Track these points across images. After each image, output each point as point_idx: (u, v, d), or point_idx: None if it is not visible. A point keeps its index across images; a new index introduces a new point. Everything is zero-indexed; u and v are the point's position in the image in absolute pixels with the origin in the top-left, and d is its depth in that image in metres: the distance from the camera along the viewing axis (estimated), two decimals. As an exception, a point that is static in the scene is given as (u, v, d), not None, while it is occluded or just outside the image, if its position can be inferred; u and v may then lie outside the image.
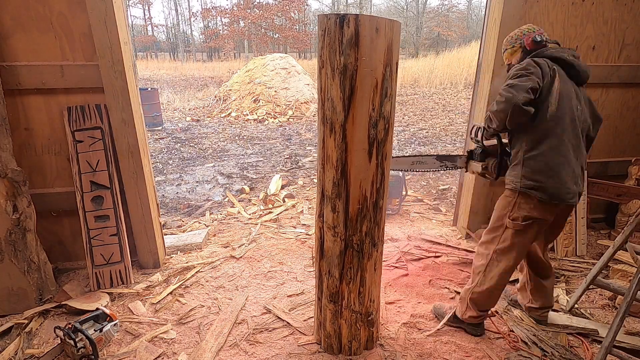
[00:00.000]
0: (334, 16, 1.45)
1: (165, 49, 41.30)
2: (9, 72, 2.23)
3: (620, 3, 2.78)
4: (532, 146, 1.73)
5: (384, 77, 1.53)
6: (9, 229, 2.18)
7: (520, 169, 1.76)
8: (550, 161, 1.70)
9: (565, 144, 1.71)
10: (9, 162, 2.21)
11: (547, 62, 1.73)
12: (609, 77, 2.92)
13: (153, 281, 2.53)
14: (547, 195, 1.71)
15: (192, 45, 40.23)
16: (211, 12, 35.41)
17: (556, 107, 1.69)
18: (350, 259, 1.73)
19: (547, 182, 1.70)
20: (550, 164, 1.71)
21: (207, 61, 31.19)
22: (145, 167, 2.53)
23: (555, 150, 1.70)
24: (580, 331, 2.06)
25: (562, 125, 1.70)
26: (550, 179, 1.70)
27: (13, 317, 2.20)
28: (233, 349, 1.97)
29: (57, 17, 2.20)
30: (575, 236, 2.88)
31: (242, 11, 31.74)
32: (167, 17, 50.62)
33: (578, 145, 1.76)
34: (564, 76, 1.75)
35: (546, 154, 1.71)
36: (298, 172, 5.25)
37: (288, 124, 8.85)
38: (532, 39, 1.85)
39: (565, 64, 1.77)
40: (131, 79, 2.38)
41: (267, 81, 10.31)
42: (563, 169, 1.71)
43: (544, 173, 1.71)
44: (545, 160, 1.71)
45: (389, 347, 1.97)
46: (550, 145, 1.70)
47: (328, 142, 1.61)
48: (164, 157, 6.13)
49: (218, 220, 3.60)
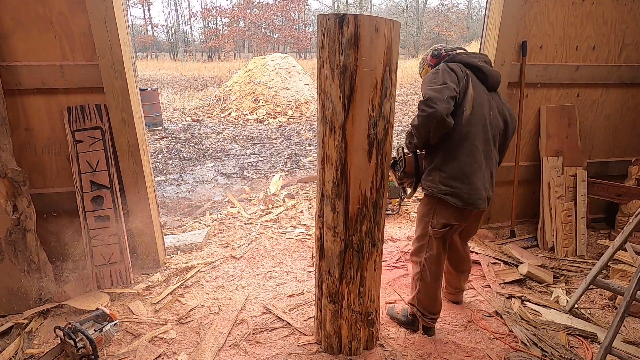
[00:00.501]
0: (334, 16, 1.45)
1: (165, 49, 41.30)
2: (9, 72, 2.23)
3: (620, 3, 2.78)
4: (448, 152, 1.72)
5: (383, 77, 1.53)
6: (9, 229, 2.18)
7: (437, 174, 1.76)
8: (465, 167, 1.71)
9: (478, 149, 1.72)
10: (9, 162, 2.21)
11: (460, 66, 1.74)
12: (609, 77, 2.92)
13: (153, 281, 2.53)
14: (462, 201, 1.72)
15: (192, 45, 40.23)
16: (211, 12, 35.44)
17: (470, 112, 1.69)
18: (350, 259, 1.73)
19: (462, 188, 1.71)
20: (464, 170, 1.71)
21: (207, 61, 31.19)
22: (145, 167, 2.53)
23: (470, 156, 1.71)
24: (580, 333, 2.06)
25: (475, 130, 1.70)
26: (465, 185, 1.71)
27: (13, 317, 2.20)
28: (233, 349, 1.97)
29: (57, 17, 2.20)
30: (575, 236, 2.88)
31: (242, 11, 31.76)
32: (167, 17, 50.63)
33: (488, 152, 1.77)
34: (476, 81, 1.76)
35: (461, 160, 1.71)
36: (298, 172, 5.25)
37: (288, 124, 8.85)
38: (431, 55, 1.95)
39: (476, 69, 1.77)
40: (131, 79, 2.38)
41: (267, 81, 10.31)
42: (475, 175, 1.72)
43: (459, 179, 1.72)
44: (460, 166, 1.71)
45: (389, 347, 1.97)
46: (465, 151, 1.71)
47: (328, 142, 1.61)
48: (164, 157, 6.13)
49: (218, 220, 3.60)
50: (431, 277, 1.93)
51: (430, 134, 1.64)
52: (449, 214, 1.79)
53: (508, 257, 2.78)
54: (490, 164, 1.79)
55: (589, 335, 2.04)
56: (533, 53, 2.79)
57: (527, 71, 2.76)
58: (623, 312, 1.73)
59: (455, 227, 1.86)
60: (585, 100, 2.99)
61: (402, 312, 2.14)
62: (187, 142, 7.15)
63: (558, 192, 2.89)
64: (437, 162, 1.76)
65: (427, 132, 1.64)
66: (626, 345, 1.97)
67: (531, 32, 2.74)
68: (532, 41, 2.76)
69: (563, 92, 2.94)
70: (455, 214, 1.78)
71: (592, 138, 3.10)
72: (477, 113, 1.71)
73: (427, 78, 1.71)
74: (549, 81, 2.86)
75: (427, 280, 1.94)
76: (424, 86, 1.68)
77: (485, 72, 1.78)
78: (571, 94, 2.96)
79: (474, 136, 1.70)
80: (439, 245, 1.88)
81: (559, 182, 2.90)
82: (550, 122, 2.93)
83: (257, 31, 31.52)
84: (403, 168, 1.97)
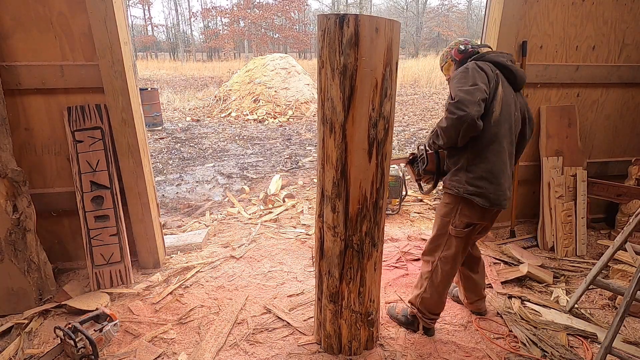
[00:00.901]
0: (334, 16, 1.45)
1: (165, 49, 41.29)
2: (9, 72, 2.23)
3: (620, 3, 2.78)
4: (476, 153, 1.70)
5: (383, 77, 1.53)
6: (9, 229, 2.18)
7: (463, 174, 1.74)
8: (493, 168, 1.70)
9: (505, 150, 1.71)
10: (9, 162, 2.21)
11: (490, 66, 1.71)
12: (609, 77, 2.92)
13: (153, 281, 2.52)
14: (489, 201, 1.70)
15: (192, 45, 40.23)
16: (211, 12, 35.44)
17: (499, 112, 1.67)
18: (350, 259, 1.73)
19: (489, 189, 1.70)
20: (493, 170, 1.70)
21: (207, 61, 31.18)
22: (145, 167, 2.53)
23: (497, 157, 1.70)
24: (580, 333, 2.06)
25: (502, 131, 1.69)
26: (492, 185, 1.70)
27: (13, 317, 2.20)
28: (233, 349, 1.97)
29: (57, 17, 2.20)
30: (575, 236, 2.88)
31: (242, 11, 31.77)
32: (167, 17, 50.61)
33: (512, 152, 1.77)
34: (504, 81, 1.74)
35: (489, 161, 1.69)
36: (298, 172, 5.25)
37: (288, 124, 8.85)
38: (457, 50, 1.89)
39: (504, 68, 1.75)
40: (131, 79, 2.38)
41: (267, 81, 10.31)
42: (503, 175, 1.71)
43: (487, 179, 1.70)
44: (488, 167, 1.69)
45: (389, 347, 1.97)
46: (493, 151, 1.69)
47: (328, 142, 1.61)
48: (164, 157, 6.13)
49: (218, 220, 3.60)
50: (441, 278, 1.91)
51: (458, 137, 1.62)
52: (472, 214, 1.77)
53: (508, 257, 2.78)
54: (512, 164, 1.79)
55: (589, 335, 2.04)
56: (533, 53, 2.79)
57: (527, 71, 2.76)
58: (623, 312, 1.73)
59: (478, 226, 1.84)
60: (585, 100, 2.99)
61: (402, 312, 2.14)
62: (187, 142, 7.15)
63: (558, 192, 2.89)
64: (463, 163, 1.74)
65: (455, 135, 1.62)
66: (626, 346, 1.97)
67: (531, 32, 2.74)
68: (532, 41, 2.76)
69: (563, 92, 2.94)
70: (479, 213, 1.76)
71: (592, 138, 3.10)
72: (505, 113, 1.69)
73: (457, 77, 1.66)
74: (549, 81, 2.86)
75: (436, 281, 1.92)
76: (453, 86, 1.64)
77: (514, 71, 1.76)
78: (571, 94, 2.96)
79: (501, 137, 1.69)
80: (458, 245, 1.85)
81: (559, 182, 2.90)
82: (550, 122, 2.93)
83: (257, 31, 31.51)
84: (425, 166, 1.95)
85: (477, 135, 1.65)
